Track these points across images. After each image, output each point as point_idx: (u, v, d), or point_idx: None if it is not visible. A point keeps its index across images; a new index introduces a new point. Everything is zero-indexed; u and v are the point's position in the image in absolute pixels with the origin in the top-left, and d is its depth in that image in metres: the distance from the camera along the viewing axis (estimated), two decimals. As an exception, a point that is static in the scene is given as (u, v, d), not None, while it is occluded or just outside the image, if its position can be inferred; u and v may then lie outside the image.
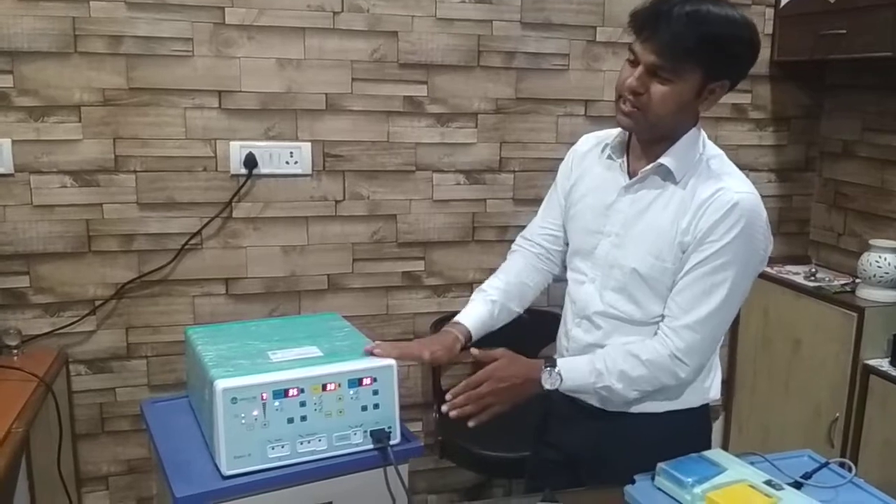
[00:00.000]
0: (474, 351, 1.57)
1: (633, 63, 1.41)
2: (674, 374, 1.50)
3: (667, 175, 1.48)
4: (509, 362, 1.52)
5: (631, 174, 1.54)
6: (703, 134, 1.52)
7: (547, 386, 1.49)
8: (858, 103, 2.81)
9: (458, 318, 1.68)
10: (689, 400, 1.59)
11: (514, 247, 1.81)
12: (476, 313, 1.68)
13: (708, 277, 1.44)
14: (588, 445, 1.64)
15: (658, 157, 1.48)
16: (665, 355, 1.48)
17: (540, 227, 1.76)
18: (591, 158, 1.64)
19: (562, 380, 1.49)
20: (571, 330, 1.64)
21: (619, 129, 1.57)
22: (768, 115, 2.91)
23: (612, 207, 1.54)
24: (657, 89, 1.39)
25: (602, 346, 1.57)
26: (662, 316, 1.52)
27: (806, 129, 2.97)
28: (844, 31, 2.48)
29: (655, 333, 1.53)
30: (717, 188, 1.44)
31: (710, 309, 1.46)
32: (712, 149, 1.52)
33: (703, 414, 1.65)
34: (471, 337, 1.66)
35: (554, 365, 1.51)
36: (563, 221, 1.71)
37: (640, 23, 1.38)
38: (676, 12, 1.33)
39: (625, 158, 1.55)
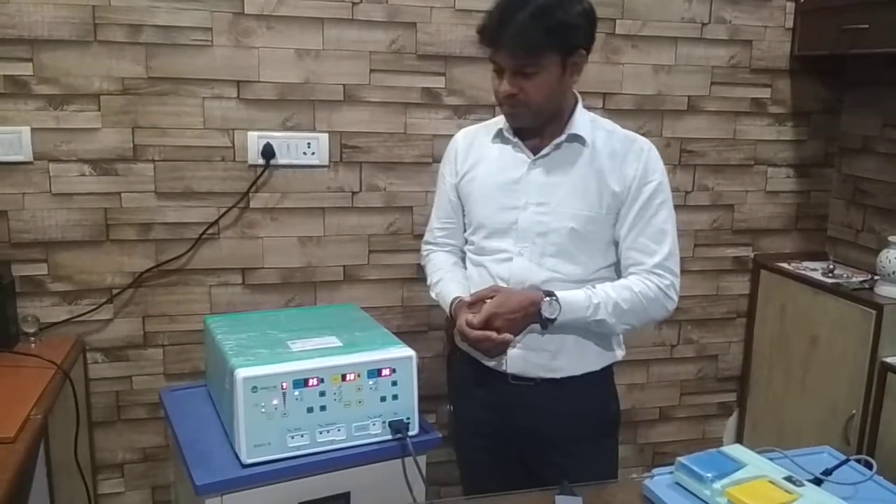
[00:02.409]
0: (467, 298, 1.68)
1: (500, 72, 1.58)
2: (664, 308, 1.66)
3: (575, 139, 1.63)
4: (507, 297, 1.61)
5: (531, 149, 1.66)
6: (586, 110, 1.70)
7: (546, 314, 1.59)
8: (879, 99, 2.79)
9: (456, 294, 1.73)
10: (598, 362, 1.73)
11: (423, 252, 1.92)
12: (462, 290, 1.74)
13: (655, 218, 1.63)
14: (530, 423, 1.72)
15: (554, 131, 1.64)
16: (655, 289, 1.63)
17: (438, 229, 1.87)
18: (479, 146, 1.76)
19: (560, 309, 1.59)
20: None
21: (496, 119, 1.73)
22: (788, 110, 2.88)
23: (521, 181, 1.66)
24: (528, 84, 1.55)
25: None
26: (614, 267, 1.69)
27: (825, 125, 2.95)
28: (867, 26, 2.45)
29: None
30: (629, 141, 1.66)
31: (669, 244, 1.65)
32: (597, 116, 1.72)
33: (609, 373, 1.79)
34: None
35: (552, 295, 1.60)
36: (459, 217, 1.81)
37: (488, 37, 1.56)
38: (512, 15, 1.51)
39: (517, 138, 1.67)
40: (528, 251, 1.65)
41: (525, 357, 1.66)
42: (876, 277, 2.56)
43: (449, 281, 1.78)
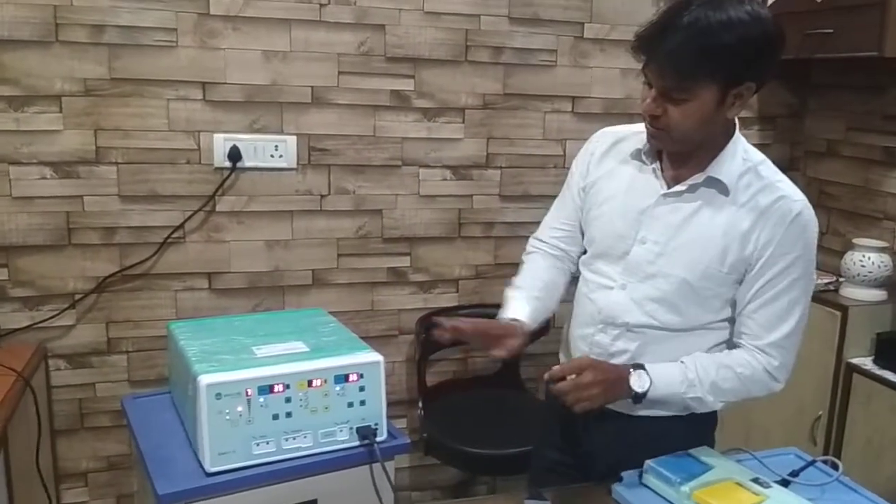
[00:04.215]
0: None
1: (649, 85, 1.38)
2: (769, 390, 1.51)
3: (714, 185, 1.44)
4: (595, 362, 1.46)
5: (667, 180, 1.49)
6: (743, 139, 1.48)
7: (636, 388, 1.44)
8: (843, 103, 2.83)
9: (510, 314, 1.55)
10: (683, 410, 1.56)
11: (528, 248, 1.74)
12: (526, 310, 1.57)
13: (786, 294, 1.44)
14: (605, 448, 1.60)
15: (698, 165, 1.44)
16: (760, 370, 1.48)
17: (554, 229, 1.69)
18: (614, 158, 1.58)
19: (651, 383, 1.45)
20: (594, 336, 1.57)
21: (638, 125, 1.52)
22: (753, 114, 2.91)
23: (647, 213, 1.49)
24: (675, 110, 1.35)
25: (633, 353, 1.53)
26: (732, 327, 1.51)
27: (790, 129, 2.98)
28: (831, 31, 2.49)
29: (721, 343, 1.52)
30: (777, 196, 1.42)
31: (793, 324, 1.47)
32: (755, 154, 1.48)
33: (700, 419, 1.62)
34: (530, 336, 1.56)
35: (642, 368, 1.46)
36: (579, 221, 1.65)
37: (641, 47, 1.35)
38: (671, 31, 1.30)
39: (658, 163, 1.50)
40: (630, 286, 1.50)
41: None
42: (841, 279, 2.60)
43: (523, 300, 1.58)
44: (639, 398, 1.45)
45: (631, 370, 1.46)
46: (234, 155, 2.38)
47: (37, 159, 2.25)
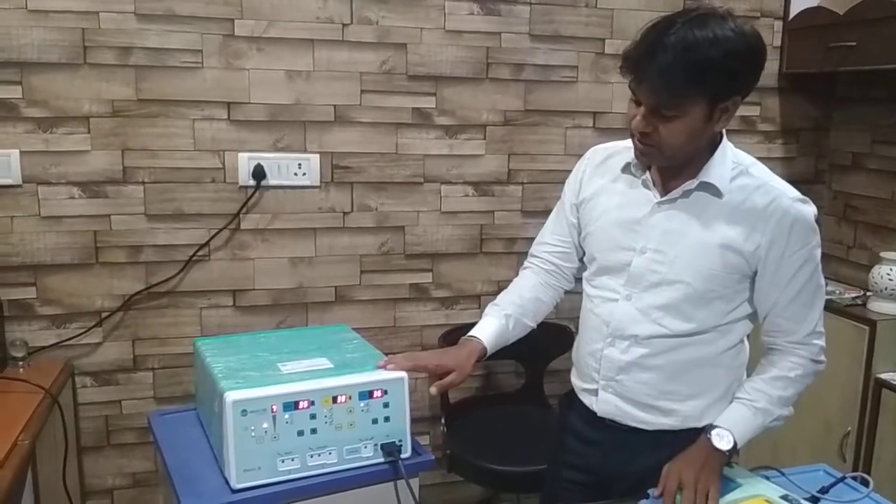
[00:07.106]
0: (482, 342, 1.62)
1: (637, 103, 1.40)
2: (816, 373, 1.56)
3: (707, 189, 1.46)
4: (674, 465, 1.47)
5: (659, 189, 1.50)
6: (730, 144, 1.50)
7: (723, 447, 1.47)
8: (868, 116, 2.80)
9: (472, 332, 1.66)
10: (701, 420, 1.57)
11: (525, 263, 1.78)
12: (491, 327, 1.65)
13: (808, 286, 1.48)
14: (624, 466, 1.59)
15: (689, 172, 1.46)
16: (808, 363, 1.52)
17: (548, 245, 1.73)
18: (605, 173, 1.60)
19: (733, 436, 1.48)
20: (604, 350, 1.57)
21: (628, 141, 1.53)
22: (777, 128, 2.90)
23: (642, 223, 1.51)
24: (665, 127, 1.37)
25: (644, 365, 1.53)
26: (741, 329, 1.54)
27: (815, 142, 2.96)
28: (854, 44, 2.47)
29: (732, 346, 1.54)
30: (773, 196, 1.44)
31: (820, 308, 1.52)
32: (745, 157, 1.50)
33: None
34: (486, 352, 1.64)
35: (714, 428, 1.49)
36: (574, 238, 1.68)
37: (630, 66, 1.37)
38: (661, 50, 1.31)
39: (648, 174, 1.52)
40: (636, 297, 1.52)
41: (617, 404, 1.58)
42: (868, 293, 2.57)
43: (493, 316, 1.67)
44: (732, 453, 1.49)
45: (708, 436, 1.48)
46: (259, 173, 2.40)
47: (65, 179, 2.29)
